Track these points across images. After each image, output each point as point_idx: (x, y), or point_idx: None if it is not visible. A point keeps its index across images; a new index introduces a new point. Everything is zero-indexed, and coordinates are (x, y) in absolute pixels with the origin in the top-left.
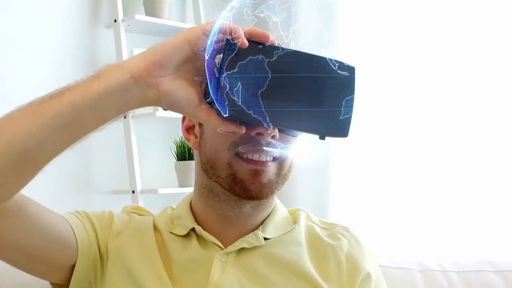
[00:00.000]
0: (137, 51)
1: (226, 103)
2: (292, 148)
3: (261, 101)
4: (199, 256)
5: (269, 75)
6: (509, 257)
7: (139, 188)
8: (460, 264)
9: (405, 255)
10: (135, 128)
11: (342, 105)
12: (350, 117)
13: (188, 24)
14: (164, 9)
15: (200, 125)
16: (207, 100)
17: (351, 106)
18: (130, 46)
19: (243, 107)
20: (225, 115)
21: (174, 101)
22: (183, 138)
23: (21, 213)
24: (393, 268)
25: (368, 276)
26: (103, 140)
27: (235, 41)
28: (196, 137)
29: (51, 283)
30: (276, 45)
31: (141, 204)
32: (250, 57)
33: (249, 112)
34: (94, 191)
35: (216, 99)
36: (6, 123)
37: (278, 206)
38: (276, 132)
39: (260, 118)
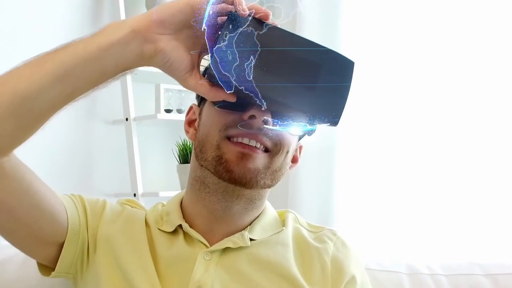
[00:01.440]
0: None
1: (220, 76)
2: (285, 137)
3: (253, 75)
4: (184, 253)
5: (259, 48)
6: (499, 260)
7: (140, 191)
8: (450, 267)
9: (393, 258)
10: (137, 131)
11: (337, 92)
12: (344, 105)
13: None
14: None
15: (200, 115)
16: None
17: (346, 95)
18: None
19: (235, 81)
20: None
21: (168, 60)
22: (185, 140)
23: (16, 177)
24: (380, 271)
25: (353, 279)
26: (105, 143)
27: (234, 11)
28: (195, 129)
29: (39, 267)
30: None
31: None
32: (245, 29)
33: (241, 86)
34: (95, 194)
35: (212, 72)
36: (11, 73)
37: (268, 208)
38: (268, 115)
39: (252, 92)
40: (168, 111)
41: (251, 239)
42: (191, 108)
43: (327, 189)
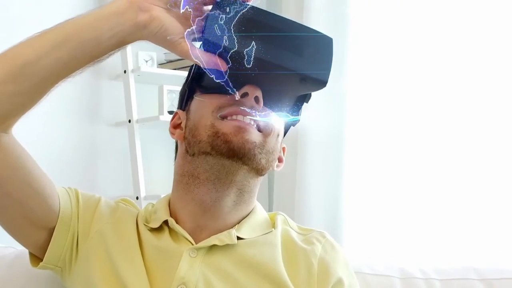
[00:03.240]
0: (142, 54)
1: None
2: (274, 119)
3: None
4: (169, 249)
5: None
6: (495, 264)
7: (143, 194)
8: (444, 271)
9: (385, 262)
10: (140, 133)
11: (322, 55)
12: (330, 63)
13: None
14: None
15: (188, 113)
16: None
17: (331, 57)
18: (136, 49)
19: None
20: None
21: (162, 26)
22: None
23: (13, 153)
24: (372, 275)
25: (339, 282)
26: (107, 145)
27: None
28: (181, 129)
29: (29, 257)
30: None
31: None
32: (231, 8)
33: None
34: None
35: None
36: (17, 44)
37: (258, 209)
38: (260, 93)
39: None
40: (171, 112)
41: (239, 238)
42: (175, 113)
43: (334, 192)
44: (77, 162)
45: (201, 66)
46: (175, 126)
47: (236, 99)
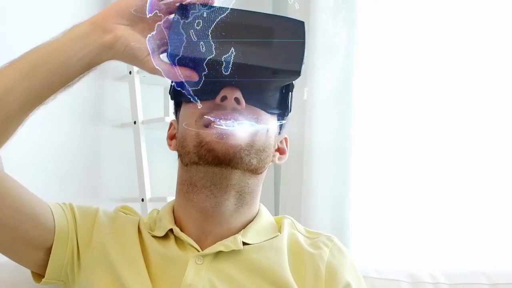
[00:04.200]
0: None
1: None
2: (260, 114)
3: (210, 50)
4: (175, 257)
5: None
6: (505, 268)
7: (148, 196)
8: (453, 276)
9: (393, 266)
10: (145, 134)
11: (293, 45)
12: (302, 54)
13: None
14: None
15: (178, 123)
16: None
17: (302, 47)
18: None
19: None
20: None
21: (127, 45)
22: None
23: None
24: (380, 280)
25: (347, 286)
26: (112, 147)
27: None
28: (176, 139)
29: (32, 274)
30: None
31: None
32: (194, 13)
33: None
34: (102, 199)
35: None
36: None
37: (263, 212)
38: (239, 94)
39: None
40: None
41: (244, 243)
42: (171, 124)
43: (341, 195)
44: (82, 164)
45: (172, 80)
46: (171, 137)
47: (217, 103)
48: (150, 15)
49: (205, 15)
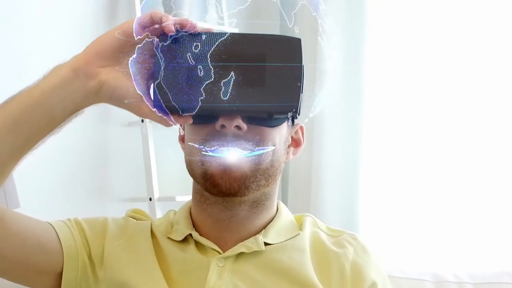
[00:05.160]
0: None
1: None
2: (264, 133)
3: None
4: (196, 260)
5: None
6: None
7: (156, 195)
8: (478, 276)
9: (418, 266)
10: (153, 133)
11: (288, 78)
12: (297, 90)
13: (209, 24)
14: (184, 9)
15: (184, 134)
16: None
17: (299, 77)
18: None
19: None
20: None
21: (113, 91)
22: None
23: None
24: (404, 279)
25: (373, 286)
26: (120, 146)
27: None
28: None
29: None
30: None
31: (158, 212)
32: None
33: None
34: (110, 199)
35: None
36: None
37: (283, 211)
38: (239, 121)
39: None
40: None
41: (266, 244)
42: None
43: (351, 193)
44: (89, 163)
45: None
46: (182, 138)
47: (217, 129)
48: (138, 37)
49: (187, 40)
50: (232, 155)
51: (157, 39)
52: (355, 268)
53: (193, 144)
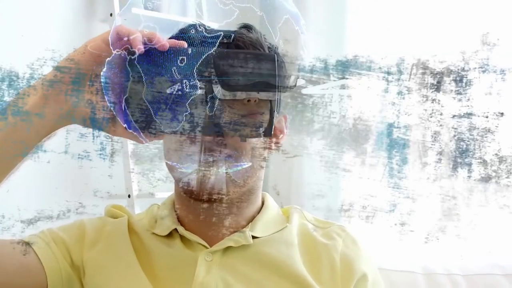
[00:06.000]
0: None
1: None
2: (242, 155)
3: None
4: (183, 256)
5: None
6: None
7: (135, 192)
8: (467, 267)
9: (407, 258)
10: None
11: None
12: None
13: (190, 19)
14: (163, 2)
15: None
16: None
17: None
18: None
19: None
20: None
21: (85, 116)
22: None
23: None
24: (394, 271)
25: (364, 277)
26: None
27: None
28: None
29: None
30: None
31: (137, 209)
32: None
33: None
34: (88, 195)
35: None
36: None
37: (269, 204)
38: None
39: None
40: None
41: (253, 237)
42: None
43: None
44: (67, 158)
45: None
46: None
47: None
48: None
49: (156, 56)
50: (208, 171)
51: (125, 53)
52: (344, 260)
53: (167, 161)
